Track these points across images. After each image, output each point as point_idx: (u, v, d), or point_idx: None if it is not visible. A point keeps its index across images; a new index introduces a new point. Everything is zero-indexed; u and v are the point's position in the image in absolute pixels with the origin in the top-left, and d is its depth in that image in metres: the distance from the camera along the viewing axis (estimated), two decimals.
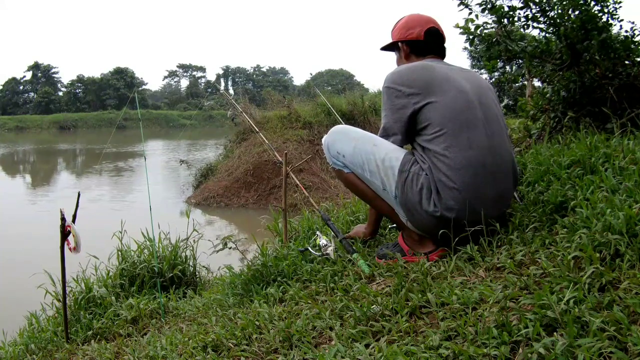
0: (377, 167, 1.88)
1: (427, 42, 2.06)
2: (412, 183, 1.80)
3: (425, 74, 1.88)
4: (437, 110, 1.80)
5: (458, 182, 1.74)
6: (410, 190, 1.80)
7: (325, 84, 69.46)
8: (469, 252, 1.71)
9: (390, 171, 1.85)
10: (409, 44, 2.09)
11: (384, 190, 1.89)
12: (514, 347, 1.11)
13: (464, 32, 3.19)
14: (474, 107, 1.84)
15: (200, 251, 3.93)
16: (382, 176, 1.87)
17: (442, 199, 1.75)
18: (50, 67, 71.36)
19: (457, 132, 1.78)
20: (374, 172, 1.89)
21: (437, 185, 1.77)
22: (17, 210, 12.08)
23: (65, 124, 53.33)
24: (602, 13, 3.00)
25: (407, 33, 2.08)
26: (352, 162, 1.95)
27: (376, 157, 1.89)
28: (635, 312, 1.07)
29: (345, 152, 1.97)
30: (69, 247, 2.49)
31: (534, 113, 3.45)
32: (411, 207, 1.82)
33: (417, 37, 2.06)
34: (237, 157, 13.53)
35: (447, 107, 1.80)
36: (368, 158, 1.90)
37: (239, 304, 2.21)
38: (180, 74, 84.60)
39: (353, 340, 1.37)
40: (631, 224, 1.37)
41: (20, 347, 2.84)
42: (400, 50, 2.12)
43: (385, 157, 1.87)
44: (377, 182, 1.90)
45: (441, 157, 1.77)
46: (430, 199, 1.77)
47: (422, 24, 2.07)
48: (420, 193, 1.78)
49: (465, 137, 1.78)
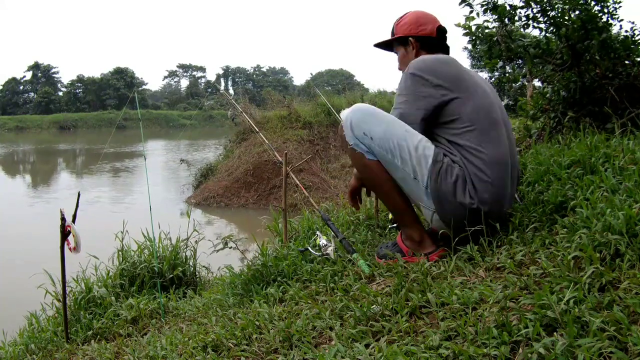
0: (410, 154, 1.80)
1: (437, 40, 2.08)
2: (447, 174, 1.76)
3: (453, 68, 1.88)
4: (466, 106, 1.81)
5: (492, 177, 1.77)
6: (444, 181, 1.76)
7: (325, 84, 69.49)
8: (469, 252, 1.71)
9: (423, 160, 1.79)
10: (420, 40, 2.08)
11: (414, 179, 1.81)
12: (514, 347, 1.11)
13: (467, 34, 3.19)
14: (495, 108, 1.90)
15: (200, 251, 3.93)
16: (415, 164, 1.80)
17: (478, 191, 1.75)
18: (50, 67, 71.42)
19: (487, 130, 1.81)
20: (406, 160, 1.80)
21: (472, 178, 1.76)
22: (17, 210, 12.08)
23: (65, 124, 53.33)
24: (602, 13, 3.00)
25: (419, 29, 2.08)
26: (382, 146, 1.83)
27: (409, 143, 1.81)
28: (635, 312, 1.07)
29: (374, 134, 1.83)
30: (69, 247, 2.48)
31: (534, 113, 3.45)
32: (443, 198, 1.77)
33: (430, 33, 2.07)
34: (237, 157, 13.54)
35: (477, 104, 1.83)
36: (400, 144, 1.81)
37: (239, 304, 2.21)
38: (180, 74, 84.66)
39: (353, 340, 1.37)
40: (631, 224, 1.37)
41: (20, 347, 2.84)
42: (408, 45, 2.10)
43: (419, 145, 1.80)
44: (407, 170, 1.81)
45: (474, 152, 1.77)
46: (466, 191, 1.75)
47: (433, 22, 2.09)
48: (455, 184, 1.76)
49: (495, 135, 1.82)
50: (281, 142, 12.89)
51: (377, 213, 2.77)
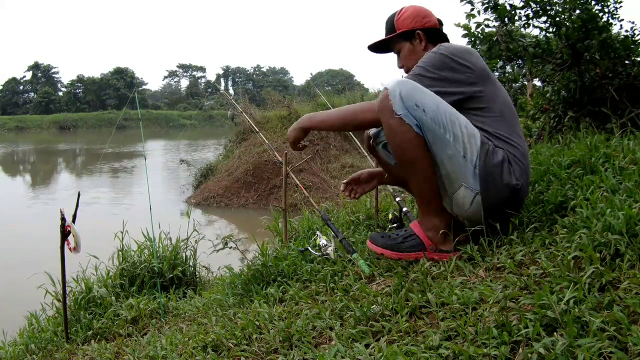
0: (462, 132, 1.74)
1: (441, 31, 2.07)
2: (494, 155, 1.76)
3: (480, 60, 1.88)
4: (496, 97, 1.84)
5: (526, 165, 1.82)
6: (491, 162, 1.75)
7: (325, 84, 69.45)
8: (469, 252, 1.71)
9: (473, 139, 1.75)
10: (428, 32, 2.03)
11: (463, 157, 1.74)
12: (514, 347, 1.11)
13: (466, 35, 3.19)
14: (511, 103, 1.93)
15: (200, 251, 3.93)
16: (466, 142, 1.74)
17: (521, 175, 1.79)
18: (50, 67, 71.39)
19: (514, 122, 1.87)
20: (458, 137, 1.74)
21: (514, 162, 1.79)
22: (17, 210, 12.07)
23: (65, 124, 53.29)
24: (603, 13, 3.00)
25: (424, 21, 2.04)
26: (435, 120, 1.72)
27: (460, 120, 1.75)
28: (635, 312, 1.07)
29: (427, 107, 1.73)
30: (69, 247, 2.48)
31: (534, 113, 3.46)
32: (490, 178, 1.74)
33: (435, 25, 2.05)
34: (237, 157, 13.53)
35: (502, 97, 1.87)
36: (452, 120, 1.74)
37: (239, 304, 2.21)
38: (180, 74, 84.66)
39: (353, 340, 1.37)
40: (631, 224, 1.37)
41: (20, 347, 2.84)
42: (415, 39, 2.04)
43: (467, 125, 1.76)
44: (458, 147, 1.74)
45: (510, 141, 1.80)
46: (511, 173, 1.77)
47: (432, 14, 2.08)
48: (502, 165, 1.76)
49: (520, 130, 1.89)
50: (281, 142, 12.87)
51: (377, 213, 2.77)
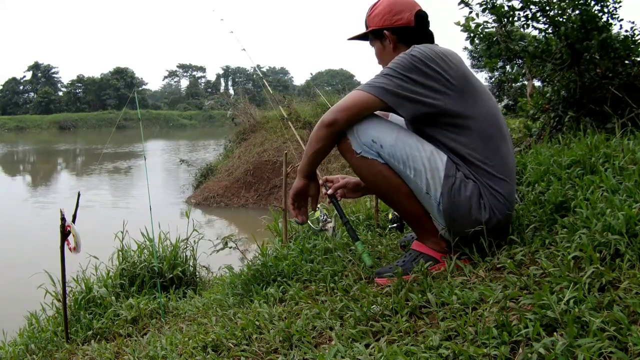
0: (424, 166, 1.61)
1: (418, 29, 1.81)
2: (461, 190, 1.60)
3: (460, 65, 1.68)
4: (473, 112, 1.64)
5: (503, 192, 1.63)
6: (458, 198, 1.60)
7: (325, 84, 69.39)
8: (468, 253, 1.71)
9: (436, 173, 1.61)
10: (397, 32, 1.82)
11: (426, 193, 1.63)
12: (514, 347, 1.11)
13: (465, 30, 3.19)
14: (500, 115, 1.75)
15: (201, 251, 3.93)
16: (428, 178, 1.61)
17: (492, 205, 1.62)
18: (50, 67, 71.46)
19: (497, 140, 1.67)
20: (420, 172, 1.62)
21: (484, 192, 1.62)
22: (17, 210, 12.07)
23: (65, 124, 53.29)
24: (602, 13, 3.01)
25: (394, 19, 1.81)
26: (393, 156, 1.63)
27: (422, 154, 1.62)
28: (635, 312, 1.07)
29: (384, 142, 1.63)
30: (69, 247, 2.48)
31: (534, 113, 3.46)
32: (457, 216, 1.61)
33: (408, 23, 1.80)
34: (237, 157, 13.54)
35: (485, 109, 1.68)
36: (413, 154, 1.62)
37: (239, 304, 2.21)
38: (180, 74, 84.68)
39: (353, 340, 1.37)
40: (631, 224, 1.37)
41: (20, 347, 2.83)
42: (385, 39, 1.85)
43: (431, 157, 1.62)
44: (420, 183, 1.63)
45: (485, 165, 1.63)
46: (480, 206, 1.61)
47: (410, 8, 1.81)
48: (470, 200, 1.60)
49: (504, 146, 1.68)
50: (281, 142, 12.88)
51: (377, 213, 2.77)
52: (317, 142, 1.73)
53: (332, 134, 1.70)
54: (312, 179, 1.86)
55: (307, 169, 1.82)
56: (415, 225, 1.77)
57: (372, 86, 1.66)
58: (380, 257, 2.09)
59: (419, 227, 1.76)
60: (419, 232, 1.78)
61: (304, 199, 1.89)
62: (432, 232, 1.71)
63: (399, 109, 1.66)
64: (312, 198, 1.89)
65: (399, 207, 1.78)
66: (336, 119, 1.68)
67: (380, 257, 2.09)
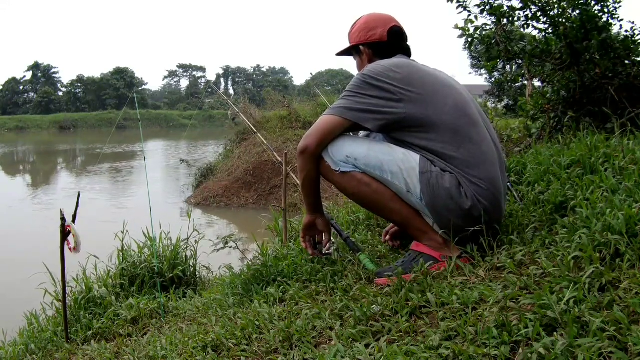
0: (399, 167, 1.71)
1: (391, 43, 1.95)
2: (438, 182, 1.68)
3: (412, 72, 1.77)
4: (435, 110, 1.71)
5: (483, 178, 1.68)
6: (437, 190, 1.68)
7: (325, 84, 69.39)
8: (469, 252, 1.71)
9: (412, 172, 1.70)
10: (372, 47, 1.97)
11: (408, 192, 1.72)
12: (514, 347, 1.11)
13: (462, 35, 3.19)
14: (469, 102, 1.80)
15: (201, 251, 3.93)
16: (406, 177, 1.71)
17: (471, 194, 1.67)
18: (50, 67, 71.44)
19: (467, 129, 1.72)
20: (396, 174, 1.72)
21: (463, 182, 1.68)
22: (17, 210, 12.08)
23: (65, 124, 53.27)
24: (602, 13, 3.01)
25: (368, 35, 1.96)
26: (368, 165, 1.74)
27: (395, 157, 1.72)
28: (635, 312, 1.07)
29: (357, 155, 1.75)
30: (69, 247, 2.48)
31: (534, 113, 3.46)
32: (439, 207, 1.69)
33: (380, 38, 1.95)
34: (237, 157, 13.54)
35: (450, 104, 1.73)
36: (387, 159, 1.73)
37: (239, 304, 2.21)
38: (180, 74, 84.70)
39: (353, 340, 1.37)
40: (631, 224, 1.37)
41: (20, 347, 2.83)
42: (361, 54, 2.00)
43: (404, 158, 1.72)
44: (399, 184, 1.72)
45: (458, 156, 1.69)
46: (461, 195, 1.67)
47: (384, 24, 1.95)
48: (449, 191, 1.67)
49: (475, 133, 1.73)
50: (281, 142, 12.88)
51: None
52: (301, 172, 1.87)
53: (308, 159, 1.82)
54: (319, 213, 1.99)
55: (307, 202, 1.95)
56: (408, 227, 1.83)
57: (333, 108, 1.80)
58: (381, 257, 2.09)
59: (412, 228, 1.81)
60: (413, 233, 1.83)
61: (315, 233, 2.04)
62: (425, 229, 1.77)
63: (363, 124, 1.76)
64: (323, 233, 2.03)
65: (387, 211, 1.83)
66: (307, 144, 1.81)
67: (380, 257, 2.09)
